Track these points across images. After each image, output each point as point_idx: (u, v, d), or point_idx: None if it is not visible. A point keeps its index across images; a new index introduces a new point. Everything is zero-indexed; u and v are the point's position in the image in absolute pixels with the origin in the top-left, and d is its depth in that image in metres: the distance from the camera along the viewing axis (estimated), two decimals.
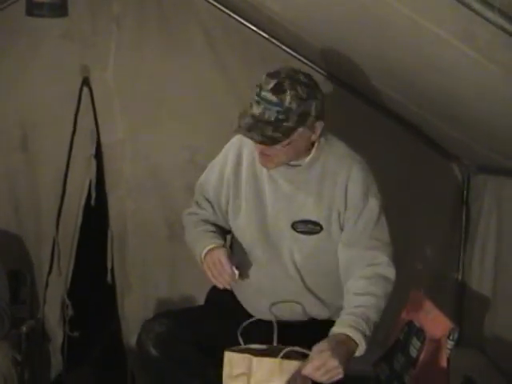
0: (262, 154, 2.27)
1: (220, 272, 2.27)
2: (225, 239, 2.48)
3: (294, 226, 2.34)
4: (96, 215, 3.54)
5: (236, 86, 3.39)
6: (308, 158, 2.33)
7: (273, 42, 3.40)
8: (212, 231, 2.45)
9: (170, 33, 3.44)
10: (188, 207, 2.63)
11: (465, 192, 3.54)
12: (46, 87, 3.45)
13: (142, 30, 3.44)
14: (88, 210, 3.51)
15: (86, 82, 3.44)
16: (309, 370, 1.98)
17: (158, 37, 3.45)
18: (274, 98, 2.14)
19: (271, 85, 2.15)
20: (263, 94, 2.15)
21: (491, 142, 2.82)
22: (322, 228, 2.33)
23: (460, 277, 3.55)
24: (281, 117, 2.14)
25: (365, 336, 2.13)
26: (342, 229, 2.34)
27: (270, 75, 2.18)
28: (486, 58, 1.91)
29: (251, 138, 2.18)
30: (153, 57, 3.46)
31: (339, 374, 2.00)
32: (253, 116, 2.17)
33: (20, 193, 3.51)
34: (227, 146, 2.50)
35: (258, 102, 2.17)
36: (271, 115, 2.14)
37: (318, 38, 2.90)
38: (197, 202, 2.57)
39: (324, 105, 2.25)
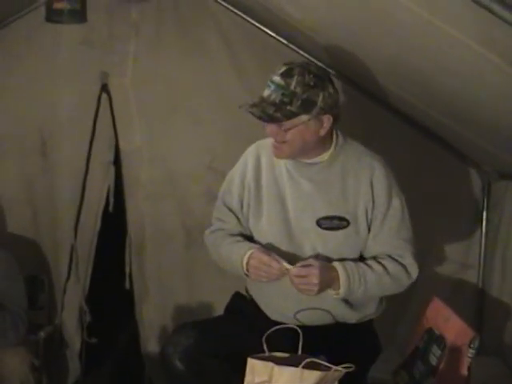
0: (273, 144, 2.36)
1: (268, 271, 2.30)
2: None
3: (319, 223, 2.38)
4: (114, 221, 3.55)
5: (254, 91, 3.35)
6: (327, 156, 2.40)
7: (290, 47, 3.40)
8: (242, 241, 2.47)
9: (188, 38, 3.45)
10: (209, 224, 2.63)
11: (485, 198, 3.50)
12: (64, 93, 3.47)
13: (160, 35, 3.45)
14: (106, 216, 3.51)
15: (104, 88, 3.45)
16: (295, 271, 2.24)
17: (177, 42, 3.45)
18: (281, 82, 2.25)
19: (282, 70, 2.27)
20: (274, 77, 2.28)
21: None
22: (348, 223, 2.37)
23: (480, 284, 3.51)
24: (285, 100, 2.24)
25: (349, 286, 2.31)
26: (368, 225, 2.39)
27: (285, 63, 2.30)
28: (506, 62, 1.89)
29: (252, 113, 2.27)
30: (171, 62, 3.46)
31: (311, 293, 2.26)
32: (261, 97, 2.29)
33: (38, 199, 3.53)
34: (244, 155, 2.55)
35: (268, 86, 2.29)
36: (276, 97, 2.25)
37: (336, 42, 2.89)
38: (218, 219, 2.58)
39: (336, 101, 2.32)
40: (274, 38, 3.41)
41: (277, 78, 2.25)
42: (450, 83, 2.40)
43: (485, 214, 3.50)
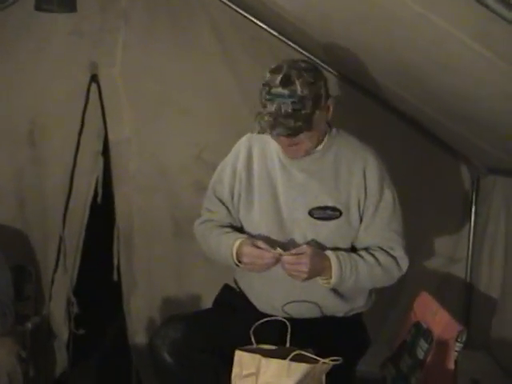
0: (289, 147, 2.33)
1: (262, 263, 2.31)
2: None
3: (311, 212, 2.39)
4: (102, 212, 3.53)
5: (244, 83, 3.36)
6: (320, 147, 2.41)
7: (282, 40, 3.38)
8: (231, 231, 2.47)
9: (179, 29, 3.42)
10: (194, 213, 2.65)
11: (474, 193, 3.51)
12: (54, 83, 3.44)
13: (151, 26, 3.43)
14: (94, 206, 3.50)
15: (94, 78, 3.43)
16: (287, 259, 2.25)
17: (167, 33, 3.43)
18: (285, 91, 2.19)
19: (278, 79, 2.20)
20: (273, 90, 2.20)
21: (505, 143, 2.78)
22: (341, 213, 2.39)
23: (468, 278, 3.53)
24: (297, 107, 2.19)
25: (341, 276, 2.32)
26: (360, 215, 2.41)
27: (274, 71, 2.24)
28: (502, 59, 1.88)
29: (278, 135, 2.23)
30: (161, 53, 3.44)
31: (299, 279, 2.28)
32: (270, 114, 2.20)
33: (27, 189, 3.51)
34: (237, 145, 2.54)
35: (271, 100, 2.20)
36: (288, 108, 2.19)
37: (328, 36, 2.88)
38: (208, 209, 2.58)
39: (327, 81, 2.33)
40: (266, 30, 3.39)
41: (278, 90, 2.19)
42: (446, 79, 2.39)
43: (473, 208, 3.52)
